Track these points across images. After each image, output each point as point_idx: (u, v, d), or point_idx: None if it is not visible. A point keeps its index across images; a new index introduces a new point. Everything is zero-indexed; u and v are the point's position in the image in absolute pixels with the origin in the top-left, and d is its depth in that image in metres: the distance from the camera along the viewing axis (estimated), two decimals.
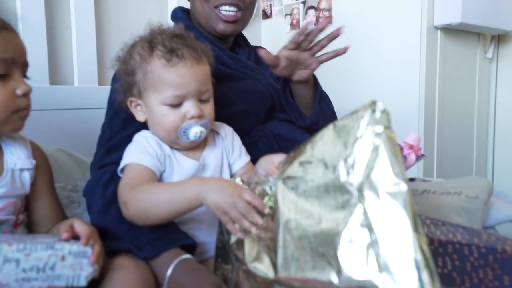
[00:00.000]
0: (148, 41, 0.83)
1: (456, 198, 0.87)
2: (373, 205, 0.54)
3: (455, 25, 1.64)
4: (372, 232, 0.54)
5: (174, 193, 0.75)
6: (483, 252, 0.69)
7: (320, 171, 0.61)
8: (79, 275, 0.69)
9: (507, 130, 2.04)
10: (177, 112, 0.82)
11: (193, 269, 0.76)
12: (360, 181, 0.56)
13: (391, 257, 0.53)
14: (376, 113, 0.57)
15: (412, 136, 0.94)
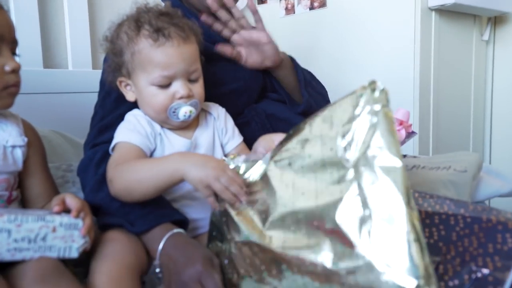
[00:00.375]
0: (135, 20, 0.83)
1: (445, 172, 0.88)
2: (368, 181, 0.56)
3: (449, 6, 1.63)
4: (366, 207, 0.56)
5: (155, 168, 0.75)
6: (468, 222, 0.70)
7: (317, 147, 0.63)
8: (71, 246, 0.70)
9: (504, 112, 2.04)
10: (166, 92, 0.82)
11: (184, 242, 0.76)
12: (357, 157, 0.58)
13: (383, 232, 0.54)
14: (375, 92, 0.59)
15: (401, 111, 0.94)
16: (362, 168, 0.57)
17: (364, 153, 0.57)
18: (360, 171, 0.57)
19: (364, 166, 0.57)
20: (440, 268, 0.66)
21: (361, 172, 0.57)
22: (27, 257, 0.67)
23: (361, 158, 0.57)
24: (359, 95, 0.60)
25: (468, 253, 0.66)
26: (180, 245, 0.76)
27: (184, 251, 0.74)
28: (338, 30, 1.86)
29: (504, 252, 0.65)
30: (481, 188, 0.93)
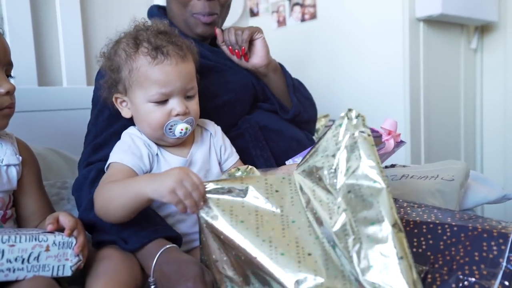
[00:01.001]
0: (133, 37, 0.84)
1: (433, 181, 0.89)
2: (355, 205, 0.61)
3: (437, 17, 1.66)
4: (353, 233, 0.60)
5: (124, 189, 0.75)
6: (455, 230, 0.72)
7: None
8: (64, 265, 0.71)
9: (495, 120, 2.06)
10: (162, 109, 0.82)
11: (177, 258, 0.76)
12: (342, 184, 0.63)
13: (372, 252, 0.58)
14: (352, 120, 0.64)
15: (389, 121, 0.95)
16: (349, 195, 0.62)
17: (349, 179, 0.62)
18: (347, 196, 0.62)
19: (350, 192, 0.62)
20: (429, 277, 0.68)
21: (348, 198, 0.61)
22: (20, 277, 0.67)
23: (346, 185, 0.62)
24: (338, 125, 0.65)
25: (455, 262, 0.68)
26: (172, 261, 0.76)
27: (176, 268, 0.74)
28: (329, 41, 1.90)
29: (490, 260, 0.66)
30: (469, 195, 0.95)
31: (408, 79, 1.70)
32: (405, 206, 0.81)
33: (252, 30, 1.07)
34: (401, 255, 0.56)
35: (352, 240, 0.59)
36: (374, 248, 0.57)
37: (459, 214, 0.76)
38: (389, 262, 0.56)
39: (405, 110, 1.72)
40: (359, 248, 0.58)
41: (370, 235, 0.58)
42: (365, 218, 0.60)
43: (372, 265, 0.57)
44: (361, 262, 0.57)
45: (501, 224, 0.71)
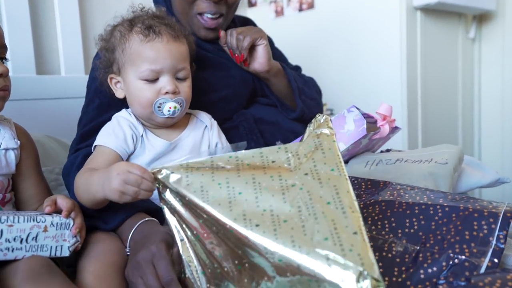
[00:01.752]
0: (129, 20, 0.87)
1: (427, 165, 0.90)
2: (311, 184, 0.64)
3: (434, 5, 1.66)
4: (306, 207, 0.62)
5: (87, 186, 0.77)
6: (446, 211, 0.72)
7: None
8: (62, 245, 0.72)
9: (492, 107, 2.07)
10: (152, 87, 0.84)
11: (151, 228, 0.77)
12: (302, 167, 0.67)
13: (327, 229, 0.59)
14: (319, 119, 0.72)
15: (384, 106, 0.96)
16: (305, 176, 0.65)
17: (309, 165, 0.66)
18: (303, 178, 0.65)
19: (306, 174, 0.65)
20: (420, 256, 0.69)
21: (305, 179, 0.65)
22: (19, 257, 0.69)
23: (306, 168, 0.66)
24: (308, 126, 0.73)
25: (446, 241, 0.69)
26: (146, 231, 0.77)
27: (146, 235, 0.75)
28: (326, 30, 1.90)
29: (480, 238, 0.67)
30: (462, 179, 0.95)
31: (405, 68, 1.70)
32: (398, 188, 0.82)
33: (254, 37, 1.05)
34: (355, 231, 0.57)
35: (306, 215, 0.60)
36: (329, 223, 0.59)
37: (451, 196, 0.77)
38: (342, 236, 0.57)
39: (402, 99, 1.72)
40: (313, 222, 0.59)
41: (325, 211, 0.60)
42: (321, 197, 0.62)
43: (326, 237, 0.57)
44: (315, 236, 0.58)
45: (492, 204, 0.72)
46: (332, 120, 1.00)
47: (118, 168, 0.69)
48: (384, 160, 0.96)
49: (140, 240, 0.74)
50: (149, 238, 0.72)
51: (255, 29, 1.09)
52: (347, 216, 0.60)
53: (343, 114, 0.99)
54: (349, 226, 0.58)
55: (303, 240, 0.58)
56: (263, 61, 1.07)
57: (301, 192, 0.63)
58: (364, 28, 1.78)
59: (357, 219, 0.59)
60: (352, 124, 0.97)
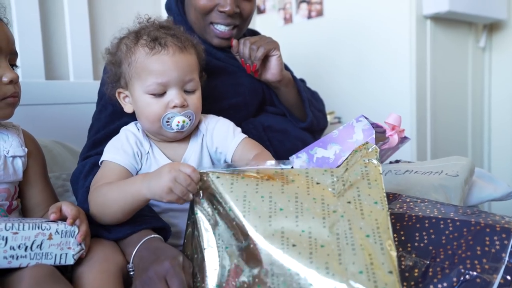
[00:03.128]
0: (135, 32, 0.85)
1: (437, 177, 0.89)
2: (353, 214, 0.64)
3: (444, 14, 1.65)
4: (345, 236, 0.62)
5: (121, 192, 0.75)
6: (457, 225, 0.71)
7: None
8: (67, 254, 0.72)
9: (503, 118, 2.05)
10: (160, 101, 0.81)
11: (157, 245, 0.76)
12: (347, 194, 0.67)
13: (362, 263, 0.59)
14: (368, 149, 0.74)
15: (393, 116, 0.95)
16: (348, 205, 0.65)
17: (353, 193, 0.66)
18: (347, 206, 0.65)
19: (349, 203, 0.65)
20: (430, 271, 0.67)
21: (347, 207, 0.65)
22: (23, 265, 0.68)
23: (349, 196, 0.66)
24: (356, 151, 0.75)
25: (457, 256, 0.67)
26: (152, 247, 0.76)
27: (155, 251, 0.74)
28: (335, 38, 1.89)
29: (492, 254, 0.66)
30: (473, 192, 0.94)
31: (414, 77, 1.69)
32: (408, 201, 0.81)
33: (268, 48, 1.03)
34: (390, 270, 0.58)
35: (344, 244, 0.60)
36: (366, 257, 0.59)
37: (462, 209, 0.75)
38: (377, 272, 0.57)
39: (411, 107, 1.71)
40: (350, 253, 0.60)
41: (363, 244, 0.60)
42: (361, 228, 0.62)
43: (361, 271, 0.57)
44: (350, 267, 0.58)
45: (504, 219, 0.71)
46: (341, 129, 0.99)
47: (171, 166, 0.70)
48: (393, 171, 0.95)
49: (148, 256, 0.73)
50: (159, 254, 0.72)
51: (269, 39, 1.07)
52: (384, 253, 0.59)
53: (352, 124, 0.98)
54: (385, 264, 0.58)
55: (338, 269, 0.57)
56: (275, 72, 1.06)
57: (341, 220, 0.63)
58: (374, 36, 1.77)
59: (393, 258, 0.59)
60: (361, 134, 0.95)
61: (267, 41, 1.06)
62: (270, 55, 1.05)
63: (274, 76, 1.07)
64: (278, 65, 1.06)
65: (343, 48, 1.87)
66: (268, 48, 1.03)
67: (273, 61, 1.06)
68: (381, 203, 0.65)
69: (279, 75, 1.07)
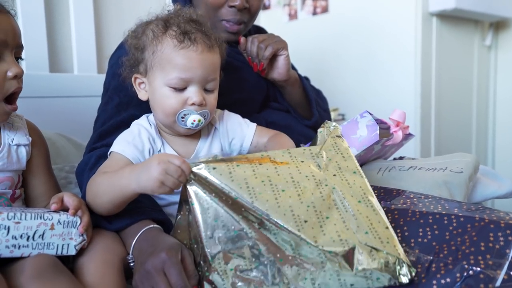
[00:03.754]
0: (164, 20, 0.82)
1: (441, 173, 0.88)
2: (345, 187, 0.71)
3: (450, 11, 1.64)
4: (342, 205, 0.69)
5: (110, 184, 0.74)
6: (461, 221, 0.71)
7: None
8: (69, 244, 0.72)
9: (508, 116, 2.04)
10: (179, 96, 0.80)
11: (156, 235, 0.75)
12: (334, 171, 0.74)
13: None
14: (331, 128, 0.80)
15: (397, 112, 0.95)
16: (336, 177, 0.72)
17: (334, 166, 0.74)
18: (334, 179, 0.72)
19: (336, 176, 0.73)
20: (433, 267, 0.67)
21: (335, 180, 0.72)
22: (25, 254, 0.68)
23: (332, 170, 0.73)
24: (320, 131, 0.81)
25: (460, 252, 0.67)
26: (151, 237, 0.75)
27: (153, 243, 0.73)
28: (340, 35, 1.89)
29: (496, 250, 0.65)
30: (478, 189, 0.94)
31: (419, 74, 1.68)
32: (411, 197, 0.80)
33: (276, 47, 1.03)
34: (386, 226, 0.68)
35: (344, 212, 0.68)
36: (365, 219, 0.68)
37: (466, 205, 0.75)
38: (378, 230, 0.67)
39: (415, 104, 1.70)
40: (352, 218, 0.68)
41: (359, 209, 0.68)
42: (352, 196, 0.70)
43: (366, 232, 0.66)
44: (356, 230, 0.67)
45: (508, 215, 0.70)
46: (345, 125, 0.99)
47: (159, 158, 0.68)
48: (397, 167, 0.94)
49: (146, 249, 0.73)
50: (156, 246, 0.71)
51: (277, 38, 1.07)
52: (376, 214, 0.69)
53: (356, 120, 0.97)
54: (380, 222, 0.67)
55: (348, 235, 0.65)
56: (282, 72, 1.06)
57: (334, 191, 0.70)
58: (379, 33, 1.76)
59: (384, 216, 0.68)
60: (365, 130, 0.95)
61: (276, 40, 1.05)
62: (278, 54, 1.05)
63: (281, 76, 1.07)
64: (286, 64, 1.06)
65: (348, 45, 1.87)
66: (276, 48, 1.03)
67: (281, 60, 1.05)
68: (359, 172, 0.73)
69: (286, 75, 1.07)
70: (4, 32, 0.75)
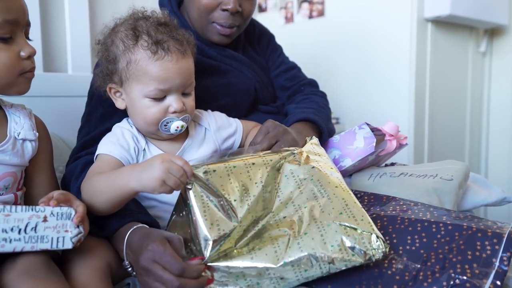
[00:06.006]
0: (132, 28, 0.81)
1: (431, 180, 0.88)
2: (323, 177, 0.76)
3: (445, 17, 1.65)
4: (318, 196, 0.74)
5: (109, 183, 0.73)
6: (449, 229, 0.71)
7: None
8: (64, 237, 0.68)
9: (501, 123, 2.05)
10: (159, 106, 0.80)
11: (143, 233, 0.74)
12: (313, 164, 0.79)
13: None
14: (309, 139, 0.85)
15: (390, 125, 0.96)
16: (314, 169, 0.77)
17: (313, 161, 0.79)
18: (313, 171, 0.77)
19: (314, 168, 0.77)
20: (420, 275, 0.67)
21: (314, 171, 0.77)
22: (18, 248, 0.65)
23: (312, 163, 0.78)
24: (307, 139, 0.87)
25: (447, 260, 0.67)
26: (137, 238, 0.74)
27: (140, 241, 0.72)
28: (336, 39, 1.89)
29: (483, 259, 0.66)
30: (468, 197, 0.94)
31: (413, 79, 1.69)
32: (401, 204, 0.81)
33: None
34: (361, 207, 0.73)
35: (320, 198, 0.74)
36: (341, 201, 0.73)
37: (455, 214, 0.76)
38: (352, 210, 0.72)
39: (409, 110, 1.71)
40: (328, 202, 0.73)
41: (336, 193, 0.74)
42: (329, 183, 0.75)
43: (341, 212, 0.72)
44: (331, 212, 0.72)
45: (496, 224, 0.71)
46: (342, 135, 1.01)
47: (162, 157, 0.68)
48: (388, 173, 0.95)
49: (136, 249, 0.72)
50: (143, 242, 0.71)
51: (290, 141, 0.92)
52: (351, 195, 0.74)
53: (354, 131, 0.99)
54: (356, 202, 0.72)
55: (323, 216, 0.70)
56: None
57: (311, 182, 0.75)
58: (374, 37, 1.77)
59: (356, 200, 0.73)
60: (362, 141, 0.96)
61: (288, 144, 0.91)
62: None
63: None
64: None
65: (343, 48, 1.87)
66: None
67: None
68: (335, 169, 0.79)
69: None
70: (15, 11, 0.73)
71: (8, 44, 0.73)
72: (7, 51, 0.73)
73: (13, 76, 0.75)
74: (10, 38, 0.74)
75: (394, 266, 0.69)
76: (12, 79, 0.75)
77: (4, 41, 0.73)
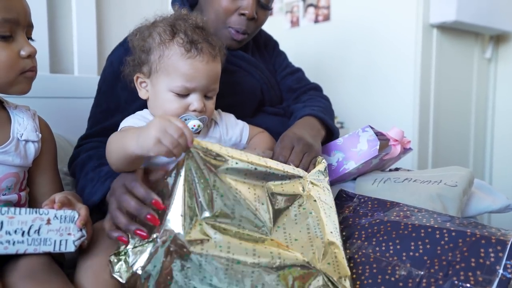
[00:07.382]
0: (171, 25, 0.84)
1: (435, 186, 0.88)
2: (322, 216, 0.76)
3: (450, 23, 1.65)
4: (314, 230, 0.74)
5: (117, 144, 0.75)
6: (453, 236, 0.71)
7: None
8: (67, 240, 0.69)
9: (506, 130, 2.04)
10: (181, 102, 0.83)
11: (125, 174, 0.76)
12: (315, 197, 0.79)
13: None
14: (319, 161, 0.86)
15: (395, 130, 0.96)
16: (316, 203, 0.77)
17: (316, 192, 0.79)
18: (315, 204, 0.77)
19: (316, 201, 0.77)
20: (424, 282, 0.67)
21: (315, 205, 0.77)
22: (21, 250, 0.66)
23: (314, 195, 0.79)
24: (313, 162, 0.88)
25: (451, 267, 0.67)
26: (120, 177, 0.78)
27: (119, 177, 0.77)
28: (341, 43, 1.89)
29: (487, 267, 0.66)
30: (472, 203, 0.94)
31: (418, 85, 1.69)
32: (405, 210, 0.81)
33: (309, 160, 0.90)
34: (343, 256, 0.73)
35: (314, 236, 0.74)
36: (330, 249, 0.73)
37: (458, 220, 0.75)
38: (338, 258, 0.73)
39: (414, 115, 1.71)
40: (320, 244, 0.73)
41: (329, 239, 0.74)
42: (326, 225, 0.75)
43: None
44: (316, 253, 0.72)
45: (500, 231, 0.71)
46: (346, 137, 1.00)
47: (160, 116, 0.68)
48: (392, 178, 0.95)
49: (113, 184, 0.77)
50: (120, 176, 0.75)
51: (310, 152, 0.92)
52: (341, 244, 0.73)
53: (357, 133, 0.98)
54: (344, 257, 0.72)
55: (310, 257, 0.70)
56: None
57: (310, 216, 0.75)
58: (380, 42, 1.77)
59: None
60: (365, 144, 0.96)
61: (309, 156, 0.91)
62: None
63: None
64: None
65: (348, 53, 1.87)
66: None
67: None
68: (334, 207, 0.79)
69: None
70: (16, 11, 0.74)
71: (8, 43, 0.74)
72: (7, 50, 0.74)
73: (13, 75, 0.75)
74: (11, 37, 0.74)
75: (397, 272, 0.69)
76: (12, 78, 0.76)
77: (4, 40, 0.74)
